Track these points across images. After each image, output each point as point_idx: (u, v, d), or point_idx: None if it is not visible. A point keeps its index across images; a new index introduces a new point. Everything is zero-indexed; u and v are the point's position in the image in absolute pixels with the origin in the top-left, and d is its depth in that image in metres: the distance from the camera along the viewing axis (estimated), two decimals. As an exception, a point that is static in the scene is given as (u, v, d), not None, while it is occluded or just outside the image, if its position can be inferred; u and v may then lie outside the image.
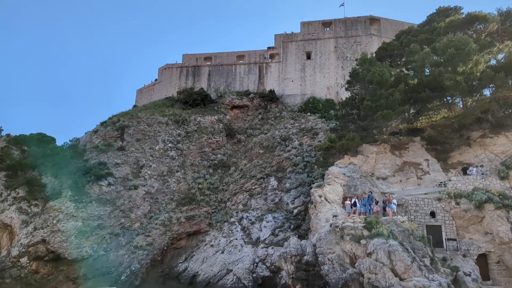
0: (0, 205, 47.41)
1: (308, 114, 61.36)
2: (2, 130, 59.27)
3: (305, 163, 49.54)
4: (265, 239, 41.82)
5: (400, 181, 35.41)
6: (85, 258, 40.90)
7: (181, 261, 43.51)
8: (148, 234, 43.65)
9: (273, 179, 48.92)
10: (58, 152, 51.11)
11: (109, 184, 47.21)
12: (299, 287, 24.79)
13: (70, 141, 62.87)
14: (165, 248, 43.42)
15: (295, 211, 43.83)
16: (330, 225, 26.59)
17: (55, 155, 50.43)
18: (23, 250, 41.13)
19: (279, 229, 42.12)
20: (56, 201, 45.20)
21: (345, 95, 52.64)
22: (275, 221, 43.25)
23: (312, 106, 63.29)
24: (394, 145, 38.72)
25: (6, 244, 45.48)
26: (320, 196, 32.99)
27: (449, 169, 35.41)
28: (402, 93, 36.65)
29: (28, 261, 40.84)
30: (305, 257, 25.67)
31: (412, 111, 40.69)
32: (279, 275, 37.17)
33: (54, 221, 42.99)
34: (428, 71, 39.44)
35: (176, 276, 42.22)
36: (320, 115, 60.08)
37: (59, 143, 58.06)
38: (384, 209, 28.07)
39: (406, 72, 42.06)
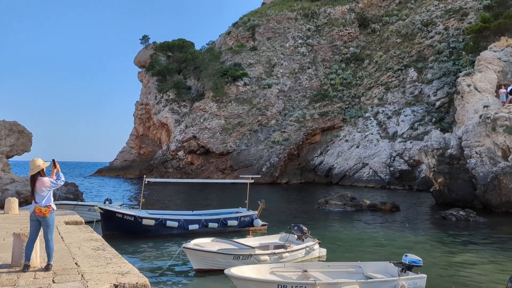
0: (156, 106, 54.07)
1: (456, -8, 52.82)
2: (149, 38, 65.15)
3: (450, 49, 44.11)
4: (403, 133, 40.25)
5: None
6: (230, 152, 45.27)
7: (317, 155, 45.16)
8: (283, 130, 45.71)
9: (412, 70, 45.15)
10: (197, 56, 54.57)
11: (245, 84, 49.53)
12: (441, 180, 23.67)
13: (206, 44, 66.26)
14: (301, 143, 45.27)
15: (438, 103, 40.55)
16: (480, 116, 23.96)
17: (195, 58, 54.02)
18: (179, 145, 47.17)
19: (418, 123, 39.95)
20: (200, 101, 49.60)
21: (505, -38, 43.30)
22: (414, 115, 40.96)
23: (461, -19, 54.02)
24: None
25: (165, 140, 52.72)
26: (469, 86, 29.51)
27: None
28: None
29: (184, 154, 46.97)
30: (449, 151, 24.02)
31: None
32: (418, 169, 36.13)
33: (201, 120, 47.70)
34: None
35: (312, 168, 44.31)
36: (471, -9, 51.27)
37: (197, 47, 61.57)
38: (551, 96, 23.92)
39: None
